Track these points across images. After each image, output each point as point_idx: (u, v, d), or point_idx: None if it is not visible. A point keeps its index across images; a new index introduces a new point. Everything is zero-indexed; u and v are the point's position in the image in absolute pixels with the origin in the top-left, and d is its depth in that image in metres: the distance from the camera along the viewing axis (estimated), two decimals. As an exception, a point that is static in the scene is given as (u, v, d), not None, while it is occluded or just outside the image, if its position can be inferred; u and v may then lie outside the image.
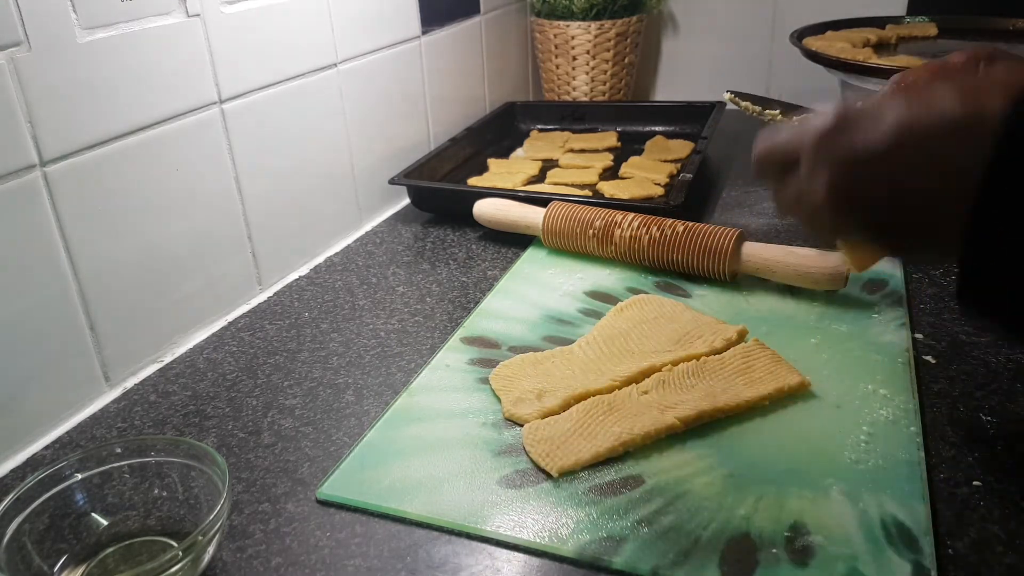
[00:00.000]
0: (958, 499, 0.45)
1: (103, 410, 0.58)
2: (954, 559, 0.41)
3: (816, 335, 0.60)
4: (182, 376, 0.61)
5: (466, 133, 1.03)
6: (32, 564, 0.41)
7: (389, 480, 0.48)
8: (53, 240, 0.54)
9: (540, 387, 0.55)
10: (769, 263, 0.66)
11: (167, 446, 0.45)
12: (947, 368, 0.57)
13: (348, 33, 0.81)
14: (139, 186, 0.60)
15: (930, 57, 0.79)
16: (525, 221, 0.78)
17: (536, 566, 0.42)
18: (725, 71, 1.26)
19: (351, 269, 0.77)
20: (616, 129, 1.10)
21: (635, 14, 1.18)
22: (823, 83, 1.00)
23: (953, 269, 0.70)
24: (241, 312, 0.70)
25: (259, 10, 0.69)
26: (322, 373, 0.60)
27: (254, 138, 0.70)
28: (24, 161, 0.52)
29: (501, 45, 1.18)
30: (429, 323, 0.66)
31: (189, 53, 0.63)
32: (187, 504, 0.45)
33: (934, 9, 1.03)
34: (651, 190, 0.86)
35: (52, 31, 0.52)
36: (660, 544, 0.42)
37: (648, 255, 0.71)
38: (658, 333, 0.60)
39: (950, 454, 0.48)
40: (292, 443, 0.53)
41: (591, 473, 0.48)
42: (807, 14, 1.09)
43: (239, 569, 0.43)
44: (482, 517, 0.45)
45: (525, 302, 0.68)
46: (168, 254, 0.63)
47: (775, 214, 0.84)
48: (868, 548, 0.41)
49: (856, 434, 0.50)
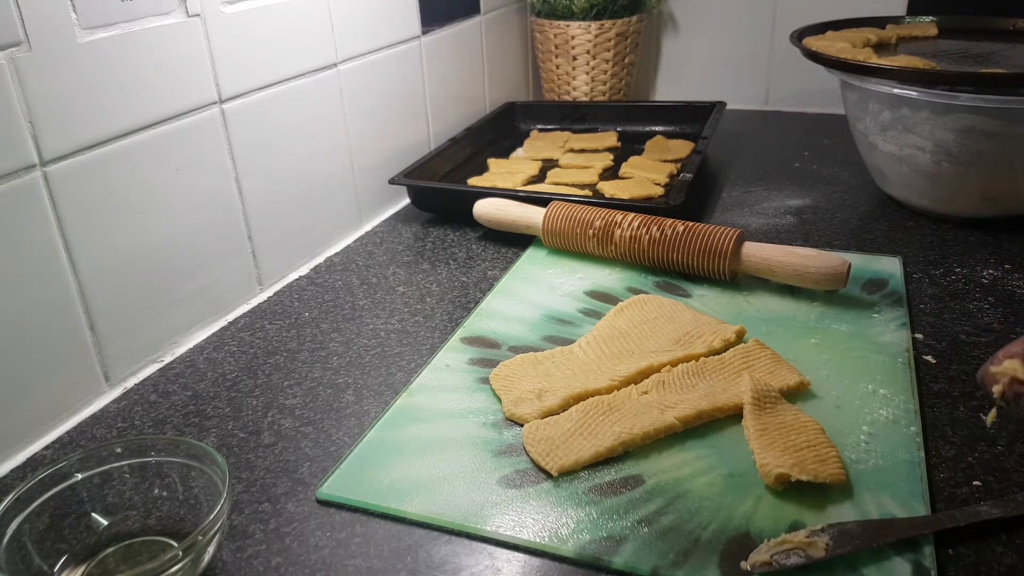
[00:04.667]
0: (958, 499, 0.45)
1: (103, 410, 0.58)
2: (954, 559, 0.41)
3: (816, 335, 0.61)
4: (182, 376, 0.61)
5: (466, 133, 1.03)
6: (32, 564, 0.41)
7: (389, 480, 0.48)
8: (53, 240, 0.54)
9: (540, 387, 0.55)
10: (769, 263, 0.66)
11: (167, 446, 0.45)
12: (947, 368, 0.57)
13: (348, 33, 0.81)
14: (139, 186, 0.60)
15: (931, 57, 0.79)
16: (525, 221, 0.78)
17: (536, 566, 0.42)
18: (725, 71, 1.26)
19: (351, 269, 0.77)
20: (616, 129, 1.10)
21: (635, 14, 1.18)
22: (823, 83, 1.00)
23: (954, 269, 0.70)
24: (241, 312, 0.70)
25: (259, 10, 0.69)
26: (322, 373, 0.60)
27: (254, 138, 0.70)
28: (24, 161, 0.52)
29: (501, 45, 1.18)
30: (429, 323, 0.66)
31: (189, 53, 0.63)
32: (187, 504, 0.45)
33: (934, 9, 1.03)
34: (651, 190, 0.86)
35: (52, 31, 0.52)
36: (660, 544, 0.42)
37: (648, 255, 0.71)
38: (658, 333, 0.60)
39: (950, 454, 0.48)
40: (292, 443, 0.53)
41: (591, 473, 0.48)
42: (807, 14, 1.09)
43: (239, 569, 0.43)
44: (482, 517, 0.45)
45: (525, 302, 0.68)
46: (168, 254, 0.63)
47: (772, 214, 0.84)
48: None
49: (856, 434, 0.50)
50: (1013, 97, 0.69)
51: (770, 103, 1.25)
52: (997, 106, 0.70)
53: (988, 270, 0.70)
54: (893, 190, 0.84)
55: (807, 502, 0.45)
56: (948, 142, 0.74)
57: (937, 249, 0.74)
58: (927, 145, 0.76)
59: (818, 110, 1.20)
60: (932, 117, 0.74)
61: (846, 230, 0.79)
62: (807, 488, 0.45)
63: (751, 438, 0.49)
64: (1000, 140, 0.72)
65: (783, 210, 0.85)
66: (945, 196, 0.78)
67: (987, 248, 0.74)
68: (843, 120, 0.89)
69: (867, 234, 0.78)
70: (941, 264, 0.72)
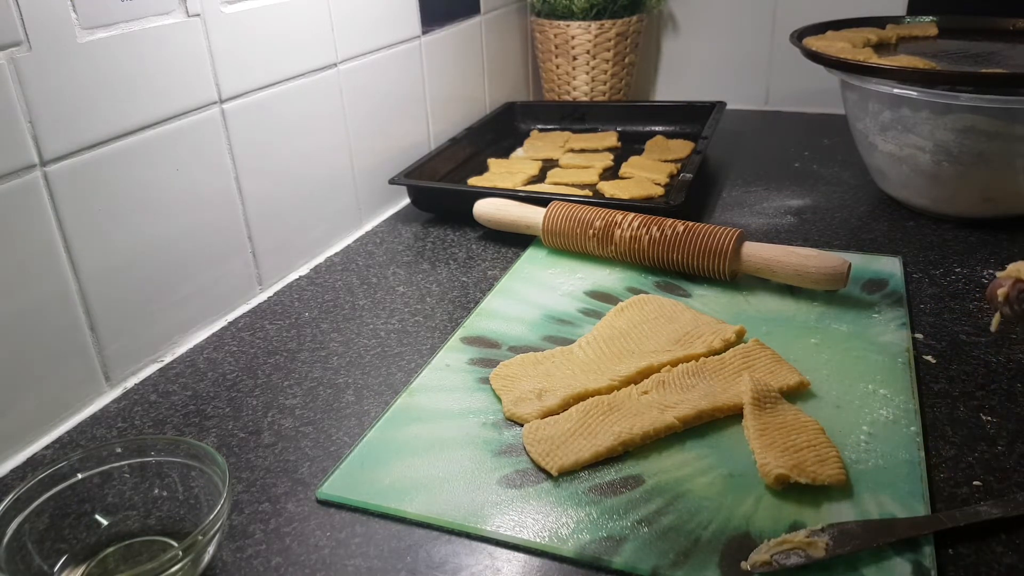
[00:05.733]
0: (958, 499, 0.45)
1: (103, 410, 0.58)
2: (954, 559, 0.41)
3: (816, 335, 0.61)
4: (182, 376, 0.61)
5: (466, 133, 1.03)
6: (32, 564, 0.41)
7: (389, 480, 0.48)
8: (53, 240, 0.54)
9: (540, 387, 0.55)
10: (769, 263, 0.66)
11: (167, 446, 0.45)
12: (947, 368, 0.57)
13: (348, 33, 0.81)
14: (139, 186, 0.60)
15: (931, 57, 0.79)
16: (525, 221, 0.78)
17: (536, 566, 0.42)
18: (725, 71, 1.26)
19: (351, 269, 0.77)
20: (616, 129, 1.10)
21: (635, 14, 1.18)
22: (823, 83, 1.00)
23: (954, 269, 0.70)
24: (241, 312, 0.70)
25: (259, 10, 0.69)
26: (322, 373, 0.60)
27: (254, 138, 0.70)
28: (24, 161, 0.52)
29: (501, 45, 1.18)
30: (429, 323, 0.66)
31: (189, 53, 0.63)
32: (187, 504, 0.45)
33: (934, 9, 1.03)
34: (651, 190, 0.86)
35: (52, 31, 0.52)
36: (660, 544, 0.42)
37: (648, 255, 0.71)
38: (658, 333, 0.60)
39: (950, 454, 0.48)
40: (292, 443, 0.53)
41: (591, 473, 0.48)
42: (807, 14, 1.09)
43: (239, 569, 0.43)
44: (482, 517, 0.45)
45: (525, 302, 0.68)
46: (168, 254, 0.63)
47: (771, 214, 0.84)
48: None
49: (856, 434, 0.50)
50: (1013, 97, 0.69)
51: (770, 103, 1.25)
52: (997, 106, 0.70)
53: (988, 270, 0.70)
54: (893, 190, 0.84)
55: (807, 502, 0.45)
56: (948, 142, 0.74)
57: (937, 249, 0.74)
58: (927, 145, 0.76)
59: (818, 110, 1.20)
60: (932, 117, 0.74)
61: (846, 230, 0.79)
62: (807, 488, 0.45)
63: (751, 438, 0.49)
64: (1000, 140, 0.72)
65: (783, 210, 0.85)
66: (945, 196, 0.78)
67: (987, 248, 0.74)
68: (843, 120, 0.89)
69: (867, 234, 0.78)
70: (941, 264, 0.72)
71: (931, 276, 0.69)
